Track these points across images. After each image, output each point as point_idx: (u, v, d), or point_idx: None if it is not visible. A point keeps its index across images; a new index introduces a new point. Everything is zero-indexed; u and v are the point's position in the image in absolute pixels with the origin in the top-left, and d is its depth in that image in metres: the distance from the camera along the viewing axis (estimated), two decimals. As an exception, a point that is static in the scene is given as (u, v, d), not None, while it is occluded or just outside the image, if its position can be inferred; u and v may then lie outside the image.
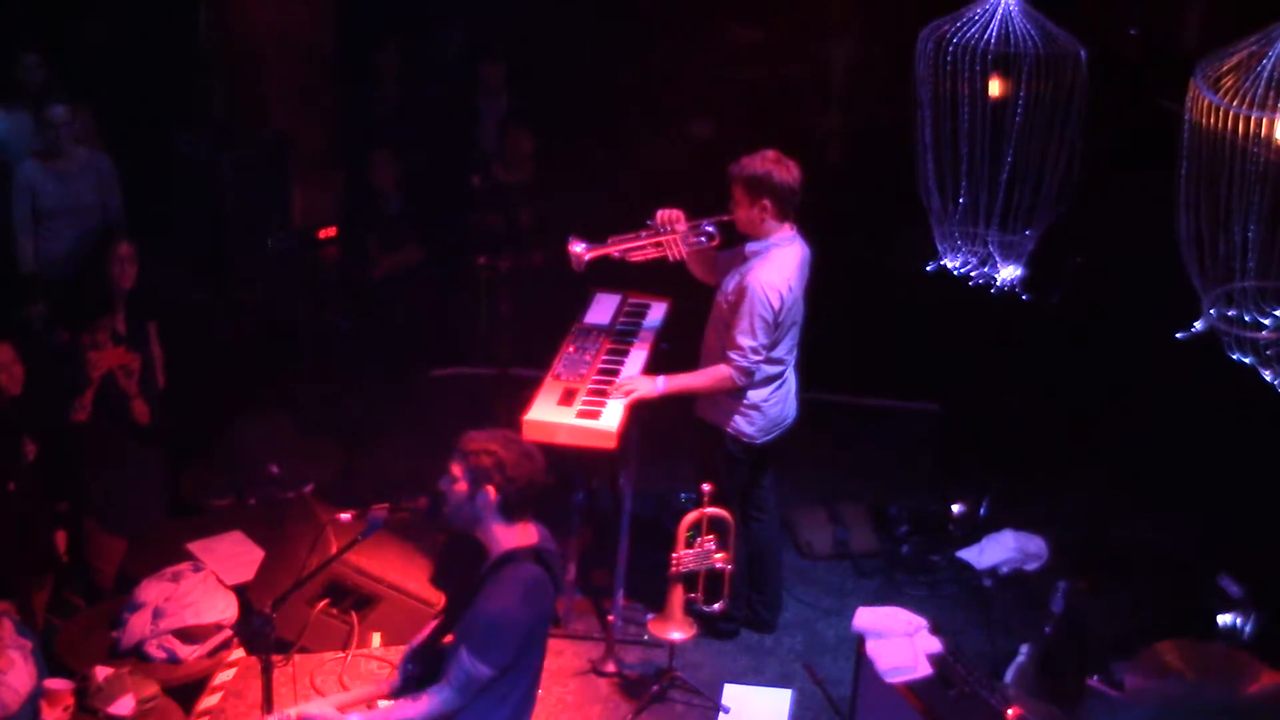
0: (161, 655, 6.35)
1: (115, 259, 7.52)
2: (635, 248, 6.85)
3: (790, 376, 6.89)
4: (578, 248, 6.83)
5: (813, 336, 7.01)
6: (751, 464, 6.91)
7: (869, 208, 10.83)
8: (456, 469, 4.95)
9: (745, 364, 6.59)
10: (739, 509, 6.77)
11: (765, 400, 6.77)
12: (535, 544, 4.97)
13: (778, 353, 6.70)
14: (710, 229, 6.80)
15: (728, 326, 6.64)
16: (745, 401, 6.75)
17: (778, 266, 6.58)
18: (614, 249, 6.87)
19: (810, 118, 10.68)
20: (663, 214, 6.82)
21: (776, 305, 6.52)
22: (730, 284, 6.68)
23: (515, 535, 4.94)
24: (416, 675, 5.08)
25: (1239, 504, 7.48)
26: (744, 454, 6.86)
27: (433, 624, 5.22)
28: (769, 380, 6.75)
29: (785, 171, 6.56)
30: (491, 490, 4.88)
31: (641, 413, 6.93)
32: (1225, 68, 4.71)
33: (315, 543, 6.32)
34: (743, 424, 6.81)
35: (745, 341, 6.56)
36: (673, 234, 6.80)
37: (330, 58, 9.39)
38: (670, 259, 6.89)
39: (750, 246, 6.68)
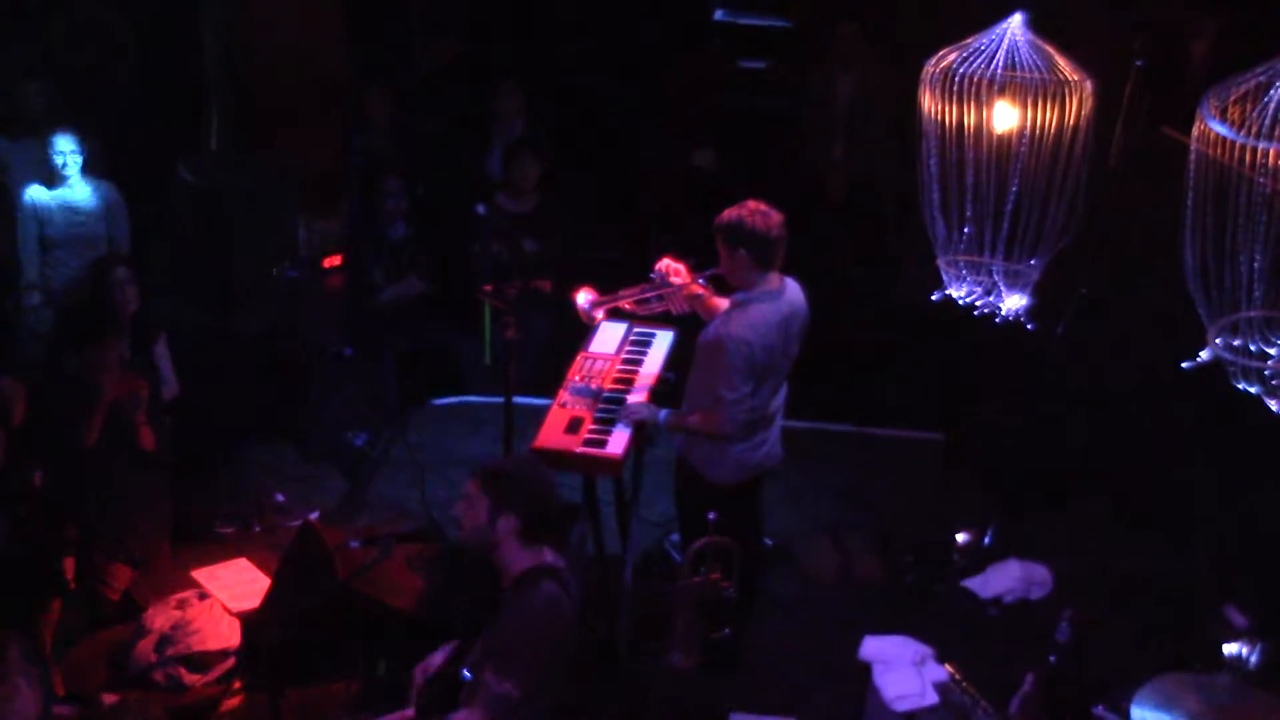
0: (167, 682, 6.35)
1: (115, 283, 7.55)
2: (642, 300, 6.87)
3: (769, 425, 6.84)
4: (585, 303, 6.86)
5: (817, 366, 7.02)
6: (720, 503, 6.73)
7: (873, 236, 10.90)
8: (476, 496, 5.03)
9: (732, 415, 6.55)
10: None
11: (734, 445, 6.73)
12: (549, 563, 5.04)
13: (754, 401, 6.66)
14: (702, 283, 6.79)
15: (708, 374, 6.60)
16: (713, 443, 6.73)
17: (751, 321, 6.50)
18: (624, 301, 6.90)
19: (815, 147, 10.71)
20: (662, 266, 6.82)
21: (744, 357, 6.45)
22: (709, 333, 6.66)
23: (530, 557, 5.02)
24: (433, 703, 5.12)
25: (1245, 533, 7.49)
26: (711, 493, 6.81)
27: (446, 651, 5.27)
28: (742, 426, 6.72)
29: (760, 220, 6.45)
30: (513, 518, 4.96)
31: (647, 442, 6.95)
32: (1232, 98, 4.74)
33: (321, 571, 6.32)
34: (708, 465, 6.78)
35: (727, 394, 6.50)
36: (671, 289, 6.79)
37: (336, 85, 9.42)
38: (673, 313, 6.89)
39: (734, 297, 6.65)
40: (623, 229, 11.31)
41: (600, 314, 6.98)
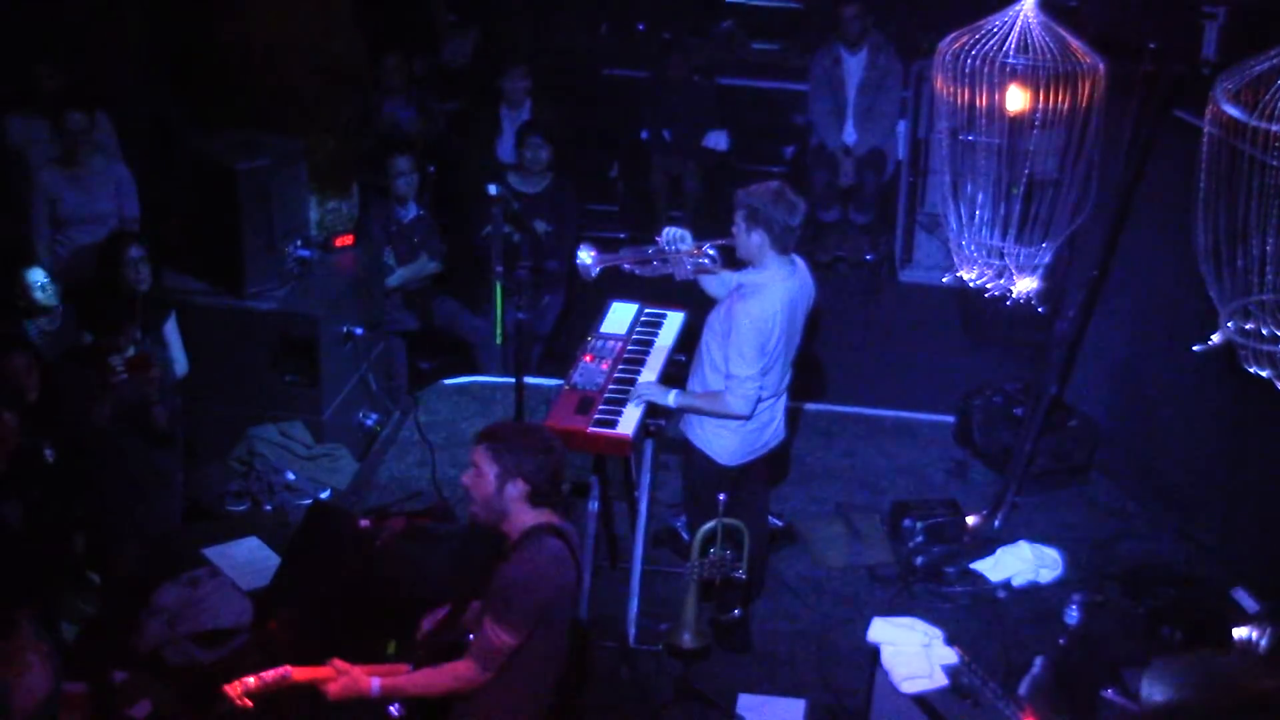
0: (178, 660, 6.37)
1: (127, 263, 7.55)
2: (643, 261, 6.84)
3: (774, 405, 6.86)
4: (587, 258, 6.81)
5: (827, 347, 7.00)
6: (726, 484, 6.74)
7: (882, 218, 10.89)
8: (483, 463, 5.04)
9: (746, 393, 6.56)
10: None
11: (740, 425, 6.73)
12: (554, 522, 5.05)
13: (764, 381, 6.66)
14: (713, 252, 6.73)
15: (720, 352, 6.59)
16: (718, 423, 6.74)
17: (766, 301, 6.49)
18: (624, 260, 6.86)
19: (824, 129, 10.70)
20: (670, 232, 6.79)
21: (758, 336, 6.46)
22: (721, 311, 6.65)
23: (537, 515, 5.03)
24: (429, 659, 5.15)
25: (1256, 516, 7.48)
26: (715, 473, 6.82)
27: (440, 618, 5.31)
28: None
29: (784, 206, 6.45)
30: (521, 482, 4.97)
31: (656, 422, 6.96)
32: (1245, 82, 4.73)
33: (332, 549, 6.34)
34: (714, 445, 6.78)
35: (739, 373, 6.51)
36: (678, 254, 6.76)
37: (348, 66, 9.42)
38: (676, 278, 6.86)
39: (746, 274, 6.64)
40: (633, 210, 11.33)
41: (597, 270, 6.89)
